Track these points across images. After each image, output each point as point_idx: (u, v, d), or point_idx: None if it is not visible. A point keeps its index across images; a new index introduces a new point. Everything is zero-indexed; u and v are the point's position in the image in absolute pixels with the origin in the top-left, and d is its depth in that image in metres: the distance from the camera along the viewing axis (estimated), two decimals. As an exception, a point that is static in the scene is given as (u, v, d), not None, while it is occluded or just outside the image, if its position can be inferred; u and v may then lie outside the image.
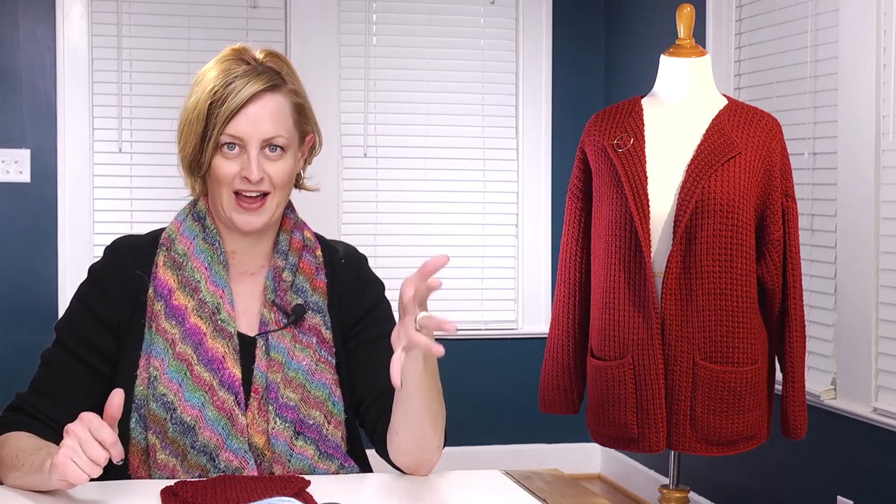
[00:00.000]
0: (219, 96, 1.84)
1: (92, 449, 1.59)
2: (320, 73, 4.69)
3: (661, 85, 2.96)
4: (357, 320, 1.97)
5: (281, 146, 1.87)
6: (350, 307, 1.97)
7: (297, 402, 1.86)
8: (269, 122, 1.86)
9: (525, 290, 4.92)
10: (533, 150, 4.92)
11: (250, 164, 1.84)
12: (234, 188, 1.86)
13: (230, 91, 1.84)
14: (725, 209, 2.75)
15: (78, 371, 1.87)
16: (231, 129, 1.85)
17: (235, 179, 1.86)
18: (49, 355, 1.90)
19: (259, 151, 1.85)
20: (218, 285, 1.89)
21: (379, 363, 1.90)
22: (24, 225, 4.52)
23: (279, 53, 1.94)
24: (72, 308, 1.92)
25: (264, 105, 1.86)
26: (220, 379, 1.84)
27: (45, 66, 4.51)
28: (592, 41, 5.02)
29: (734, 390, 2.79)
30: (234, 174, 1.86)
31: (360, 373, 1.91)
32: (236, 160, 1.86)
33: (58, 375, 1.87)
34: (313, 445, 1.86)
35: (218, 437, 1.82)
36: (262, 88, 1.85)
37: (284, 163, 1.88)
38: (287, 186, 1.91)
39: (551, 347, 3.07)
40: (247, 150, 1.85)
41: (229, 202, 1.87)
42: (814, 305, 3.53)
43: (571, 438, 4.89)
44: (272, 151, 1.87)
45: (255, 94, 1.85)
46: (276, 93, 1.88)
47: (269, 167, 1.87)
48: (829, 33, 3.47)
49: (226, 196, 1.87)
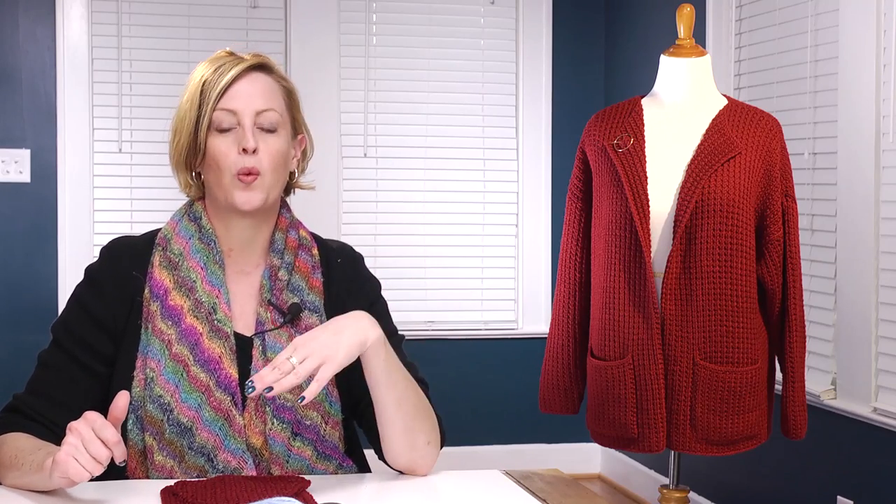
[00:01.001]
0: (209, 79, 1.88)
1: (94, 447, 1.59)
2: (320, 73, 4.69)
3: (661, 85, 2.96)
4: None
5: (274, 123, 1.89)
6: (346, 307, 1.96)
7: (293, 402, 1.86)
8: (261, 97, 1.88)
9: (525, 290, 4.92)
10: (533, 150, 4.92)
11: (246, 133, 1.86)
12: (234, 168, 1.86)
13: (220, 72, 1.88)
14: (725, 209, 2.75)
15: (74, 372, 1.87)
16: (224, 103, 1.87)
17: (234, 157, 1.86)
18: (46, 356, 1.90)
19: (253, 125, 1.87)
20: (214, 285, 1.89)
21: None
22: (24, 225, 4.52)
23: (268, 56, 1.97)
24: (68, 309, 1.92)
25: (255, 80, 1.90)
26: (216, 379, 1.84)
27: (45, 66, 4.51)
28: (592, 41, 5.02)
29: (734, 390, 2.79)
30: (231, 152, 1.86)
31: (356, 374, 1.91)
32: (232, 137, 1.87)
33: (55, 377, 1.87)
34: (311, 446, 1.86)
35: (215, 438, 1.82)
36: (250, 66, 1.90)
37: (278, 140, 1.89)
38: (280, 167, 1.90)
39: (551, 347, 3.07)
40: (241, 124, 1.87)
41: (230, 182, 1.87)
42: (814, 305, 3.53)
43: (571, 438, 4.89)
44: (265, 128, 1.88)
45: (245, 70, 1.89)
46: (265, 73, 1.92)
47: (263, 143, 1.87)
48: (829, 33, 3.47)
49: (226, 178, 1.87)
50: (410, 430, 1.82)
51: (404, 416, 1.81)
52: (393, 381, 1.79)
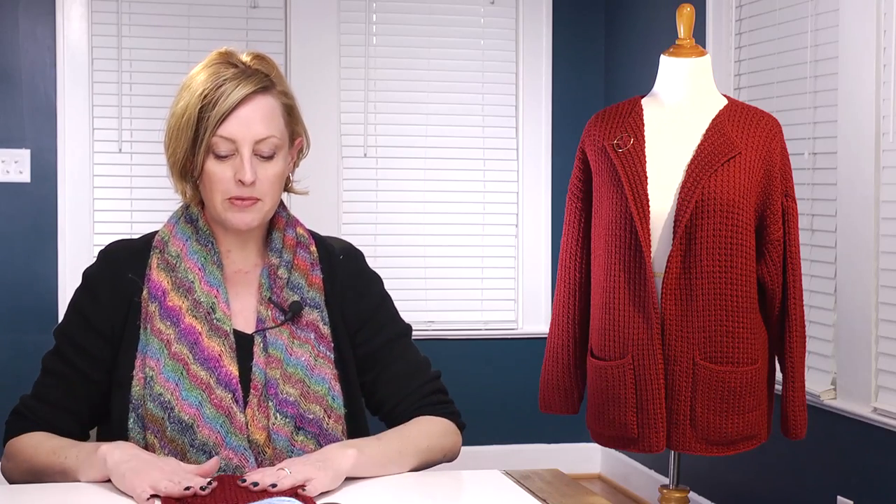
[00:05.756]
0: (209, 99, 1.84)
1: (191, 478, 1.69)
2: (320, 73, 4.69)
3: (661, 85, 2.96)
4: (363, 323, 1.99)
5: (273, 148, 1.88)
6: (353, 305, 1.98)
7: (296, 397, 1.87)
8: (261, 124, 1.86)
9: (525, 290, 4.92)
10: (533, 150, 4.92)
11: (244, 164, 1.84)
12: (228, 195, 1.86)
13: (221, 94, 1.84)
14: (725, 209, 2.75)
15: (74, 380, 1.90)
16: (223, 130, 1.85)
17: (229, 184, 1.86)
18: (48, 362, 1.93)
19: (252, 154, 1.85)
20: (212, 285, 1.89)
21: (396, 366, 1.99)
22: (24, 225, 4.52)
23: (266, 56, 1.94)
24: (67, 315, 1.95)
25: (256, 107, 1.86)
26: (217, 377, 1.84)
27: (45, 66, 4.51)
28: (592, 41, 5.02)
29: (734, 390, 2.79)
30: (227, 178, 1.86)
31: (382, 380, 1.99)
32: (229, 164, 1.86)
33: (56, 382, 1.91)
34: (314, 440, 1.87)
35: (217, 436, 1.82)
36: (253, 90, 1.86)
37: (276, 166, 1.89)
38: (278, 190, 1.91)
39: (551, 347, 3.07)
40: (239, 152, 1.85)
41: (223, 205, 1.87)
42: (814, 305, 3.53)
43: (571, 438, 4.89)
44: (264, 155, 1.87)
45: (247, 95, 1.85)
46: (266, 94, 1.88)
47: (261, 170, 1.87)
48: (829, 33, 3.47)
49: (219, 200, 1.87)
50: (429, 464, 1.93)
51: (421, 466, 1.91)
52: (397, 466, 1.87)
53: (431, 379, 2.01)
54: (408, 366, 2.00)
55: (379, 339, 1.99)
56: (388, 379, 1.98)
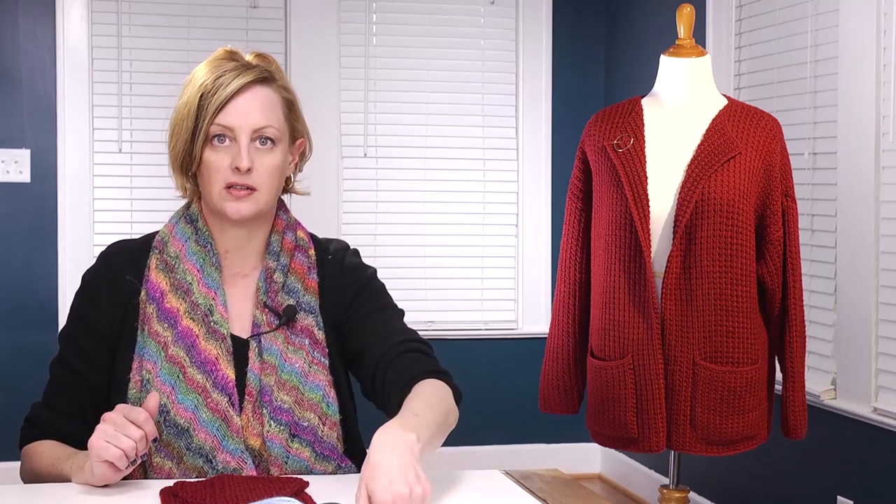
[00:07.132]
0: (209, 88, 1.86)
1: (126, 428, 1.67)
2: (320, 73, 4.69)
3: (661, 85, 2.96)
4: (347, 306, 1.96)
5: (271, 138, 1.88)
6: (339, 297, 1.96)
7: (291, 404, 1.86)
8: (260, 113, 1.87)
9: (525, 290, 4.92)
10: (533, 150, 4.92)
11: (241, 152, 1.85)
12: (225, 182, 1.86)
13: (220, 83, 1.86)
14: (725, 209, 2.76)
15: (78, 385, 1.91)
16: (222, 118, 1.85)
17: (226, 172, 1.86)
18: (54, 368, 1.95)
19: (249, 142, 1.86)
20: (210, 287, 1.89)
21: (381, 330, 1.92)
22: (24, 225, 4.52)
23: (268, 55, 1.96)
24: (68, 320, 1.95)
25: (255, 96, 1.87)
26: (213, 381, 1.84)
27: (45, 66, 4.51)
28: (592, 41, 5.02)
29: (734, 390, 2.79)
30: (225, 166, 1.86)
31: (371, 342, 1.91)
32: (227, 152, 1.86)
33: (61, 389, 1.92)
34: (309, 447, 1.86)
35: (213, 439, 1.82)
36: (252, 80, 1.87)
37: (274, 157, 1.89)
38: (276, 181, 1.91)
39: (551, 347, 3.07)
40: (237, 141, 1.86)
41: (220, 193, 1.87)
42: (814, 305, 3.53)
43: (571, 438, 4.89)
44: (262, 144, 1.87)
45: (246, 84, 1.86)
46: (266, 86, 1.89)
47: (258, 159, 1.87)
48: (829, 33, 3.47)
49: (216, 189, 1.87)
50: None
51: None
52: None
53: (416, 339, 1.94)
54: (392, 326, 1.94)
55: (361, 312, 1.94)
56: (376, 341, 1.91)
